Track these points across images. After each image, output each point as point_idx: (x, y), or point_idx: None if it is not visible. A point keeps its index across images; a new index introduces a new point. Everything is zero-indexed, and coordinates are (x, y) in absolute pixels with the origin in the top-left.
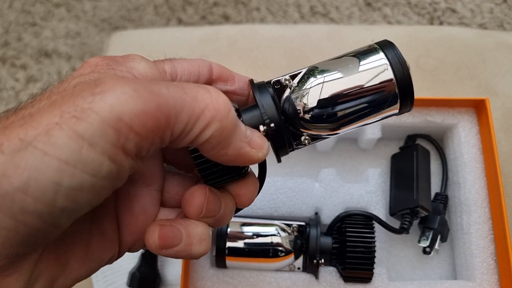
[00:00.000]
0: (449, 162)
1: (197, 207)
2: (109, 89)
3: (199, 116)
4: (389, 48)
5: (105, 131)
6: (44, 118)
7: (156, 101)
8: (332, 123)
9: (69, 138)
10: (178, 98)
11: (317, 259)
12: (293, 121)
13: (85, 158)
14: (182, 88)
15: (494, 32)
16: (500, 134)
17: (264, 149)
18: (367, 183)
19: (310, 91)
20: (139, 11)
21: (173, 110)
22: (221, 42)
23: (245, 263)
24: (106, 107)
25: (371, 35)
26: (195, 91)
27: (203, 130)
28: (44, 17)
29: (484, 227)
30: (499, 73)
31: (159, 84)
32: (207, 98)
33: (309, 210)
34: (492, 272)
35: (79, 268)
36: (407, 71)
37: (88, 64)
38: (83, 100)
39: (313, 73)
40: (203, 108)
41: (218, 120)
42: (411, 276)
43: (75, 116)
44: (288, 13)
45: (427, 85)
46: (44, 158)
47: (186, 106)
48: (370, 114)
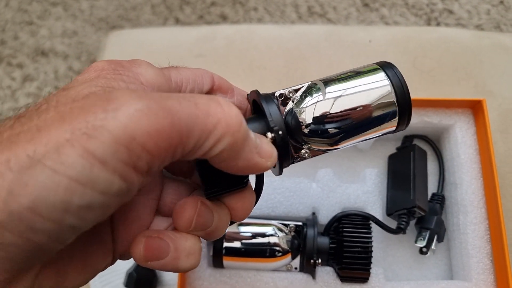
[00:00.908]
0: (446, 162)
1: (187, 220)
2: (122, 106)
3: (211, 132)
4: (390, 68)
5: (117, 150)
6: (53, 134)
7: (169, 119)
8: (331, 139)
9: (80, 156)
10: (191, 114)
11: (314, 259)
12: (295, 133)
13: (96, 176)
14: (195, 103)
15: (491, 33)
16: (497, 135)
17: (273, 157)
18: (364, 183)
19: (312, 106)
20: (136, 10)
21: (186, 127)
22: (219, 42)
23: (243, 263)
24: (119, 125)
25: (369, 35)
26: (207, 105)
27: (215, 145)
28: (41, 16)
29: (480, 228)
30: (496, 74)
31: (171, 99)
32: (219, 112)
33: (306, 210)
34: (488, 272)
35: (77, 277)
36: (407, 92)
37: (93, 68)
38: (94, 117)
39: (316, 89)
40: (215, 123)
41: (230, 135)
42: (407, 276)
43: (86, 133)
44: (285, 13)
45: (424, 85)
46: (54, 177)
47: (199, 122)
48: (368, 131)
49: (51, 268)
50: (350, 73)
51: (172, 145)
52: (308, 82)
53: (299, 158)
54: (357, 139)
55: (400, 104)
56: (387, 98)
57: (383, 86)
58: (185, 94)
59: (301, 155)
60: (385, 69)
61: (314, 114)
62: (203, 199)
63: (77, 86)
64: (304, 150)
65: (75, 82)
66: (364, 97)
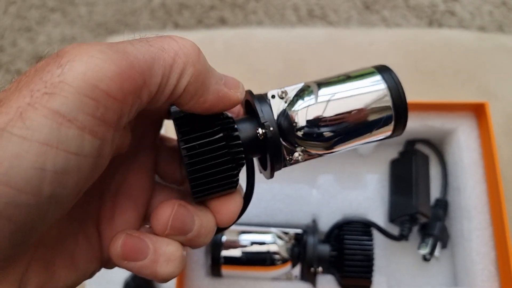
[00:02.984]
0: (449, 167)
1: (162, 222)
2: (76, 56)
3: (172, 65)
4: (386, 71)
5: (82, 102)
6: (14, 101)
7: (126, 60)
8: (325, 142)
9: (44, 117)
10: (147, 52)
11: (314, 267)
12: (287, 135)
13: (65, 136)
14: (146, 41)
15: (494, 35)
16: (500, 138)
17: (240, 87)
18: (365, 189)
19: (305, 109)
20: (135, 15)
21: (145, 65)
22: (217, 46)
23: (241, 271)
24: (78, 75)
25: (369, 38)
26: (160, 41)
27: (180, 79)
28: (40, 22)
29: (484, 233)
30: (499, 76)
31: (122, 43)
32: (174, 45)
33: (306, 217)
34: (493, 280)
35: (65, 277)
36: (404, 95)
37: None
38: (51, 74)
39: (310, 90)
40: (173, 56)
41: (191, 65)
42: (411, 283)
43: (47, 92)
44: (285, 16)
45: (426, 89)
46: (23, 143)
47: (157, 58)
48: (363, 135)
49: (39, 264)
50: (345, 75)
51: (137, 87)
52: (302, 83)
53: (292, 161)
54: (352, 144)
55: (396, 108)
56: (383, 101)
57: (379, 89)
58: (136, 38)
59: (294, 157)
60: (382, 72)
61: (307, 117)
62: (182, 202)
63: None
64: (298, 153)
65: None
66: (359, 100)
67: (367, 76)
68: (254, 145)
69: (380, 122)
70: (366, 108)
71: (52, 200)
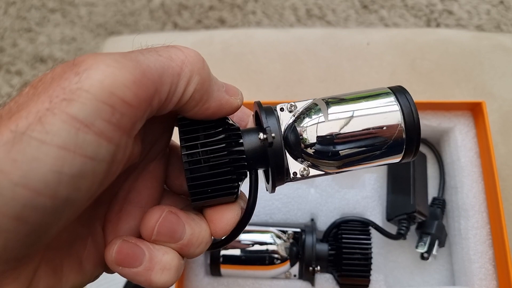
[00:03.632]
0: (446, 166)
1: (148, 227)
2: (92, 65)
3: (180, 74)
4: (402, 93)
5: (99, 108)
6: (33, 106)
7: (139, 68)
8: (332, 162)
9: (63, 122)
10: (156, 61)
11: (313, 266)
12: (294, 149)
13: (82, 141)
14: (155, 51)
15: (491, 34)
16: (497, 137)
17: (239, 94)
18: (363, 188)
19: (313, 126)
20: (134, 15)
21: (156, 74)
22: (215, 47)
23: (240, 271)
24: (96, 83)
25: (367, 38)
26: (167, 50)
27: (186, 87)
28: (40, 23)
29: (482, 232)
30: (496, 75)
31: (133, 52)
32: (180, 55)
33: (304, 217)
34: (490, 278)
35: (73, 279)
36: (417, 121)
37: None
38: (68, 82)
39: (319, 108)
40: (180, 65)
41: (197, 73)
42: (408, 282)
43: (65, 98)
44: (284, 16)
45: (423, 88)
46: (42, 147)
47: (166, 67)
48: (371, 159)
49: (48, 266)
50: (359, 94)
51: (149, 94)
52: (311, 100)
53: (298, 175)
54: (357, 166)
55: (408, 132)
56: (395, 124)
57: (392, 111)
58: (144, 48)
59: (299, 172)
60: (396, 94)
61: (316, 134)
62: (172, 209)
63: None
64: (303, 167)
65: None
66: (370, 122)
67: (381, 97)
68: (258, 155)
69: (389, 146)
70: (376, 131)
71: (67, 203)
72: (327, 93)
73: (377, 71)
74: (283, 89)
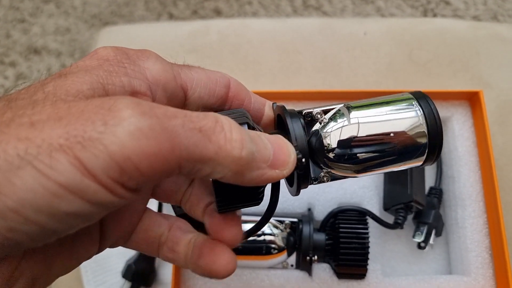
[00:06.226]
0: (443, 155)
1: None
2: (123, 121)
3: (209, 160)
4: (423, 98)
5: (109, 167)
6: (47, 134)
7: (170, 142)
8: (354, 166)
9: (70, 164)
10: (192, 139)
11: (310, 255)
12: (317, 156)
13: (85, 186)
14: (199, 127)
15: (488, 24)
16: (495, 127)
17: (289, 164)
18: (360, 178)
19: (337, 131)
20: (129, 6)
21: (185, 152)
22: (212, 37)
23: (238, 260)
24: (117, 142)
25: (364, 28)
26: (212, 130)
27: (213, 172)
28: (33, 14)
29: (479, 221)
30: (493, 65)
31: (175, 119)
32: (221, 139)
33: (301, 206)
34: (487, 267)
35: (62, 267)
36: (440, 127)
37: (97, 55)
38: (92, 127)
39: (346, 113)
40: (215, 151)
41: (229, 163)
42: (405, 271)
43: (81, 143)
44: (280, 7)
45: (420, 78)
46: (43, 181)
47: (199, 147)
48: (394, 163)
49: (37, 257)
50: (382, 99)
51: (168, 169)
52: (340, 105)
53: (318, 180)
54: (380, 170)
55: (430, 137)
56: (417, 129)
57: (414, 116)
58: (192, 113)
59: (319, 177)
60: (419, 99)
61: (339, 138)
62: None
63: (75, 73)
64: (323, 173)
65: (74, 67)
66: (393, 126)
67: (403, 102)
68: None
69: (412, 150)
70: (399, 135)
71: (56, 232)
72: (325, 83)
73: (375, 61)
74: (280, 79)
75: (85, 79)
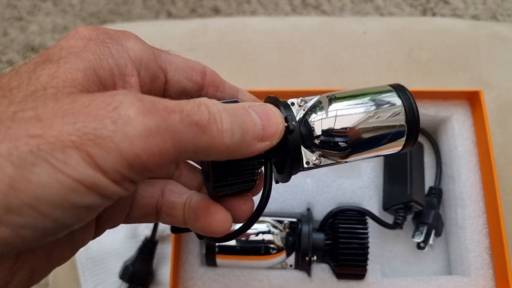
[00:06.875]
0: (443, 155)
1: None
2: (132, 120)
3: (204, 149)
4: (402, 90)
5: (119, 164)
6: (57, 131)
7: (173, 139)
8: (339, 152)
9: (83, 160)
10: (190, 133)
11: (309, 256)
12: (306, 140)
13: (97, 181)
14: (196, 122)
15: (488, 23)
16: (494, 127)
17: (278, 133)
18: (359, 178)
19: (320, 120)
20: (127, 4)
21: (184, 146)
22: (210, 36)
23: (236, 261)
24: (128, 141)
25: (363, 26)
26: (207, 122)
27: (208, 157)
28: (31, 12)
29: (478, 221)
30: (493, 64)
31: (174, 113)
32: (214, 130)
33: (301, 206)
34: (487, 267)
35: (59, 257)
36: (417, 113)
37: (79, 35)
38: (102, 125)
39: (328, 102)
40: (208, 142)
41: (219, 153)
42: (405, 272)
43: (93, 140)
44: (279, 6)
45: (420, 77)
46: (58, 176)
47: (196, 140)
48: (375, 148)
49: (36, 248)
50: (362, 90)
51: (169, 161)
52: (320, 96)
53: (310, 164)
54: (364, 155)
55: (409, 124)
56: (397, 117)
57: (395, 105)
58: (187, 105)
59: (312, 162)
60: (398, 90)
61: (323, 127)
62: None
63: (65, 58)
64: (315, 157)
65: (61, 50)
66: (375, 115)
67: (383, 93)
68: (274, 146)
69: (392, 136)
70: (381, 122)
71: (66, 227)
72: (325, 82)
73: (375, 60)
74: (280, 78)
75: (78, 65)
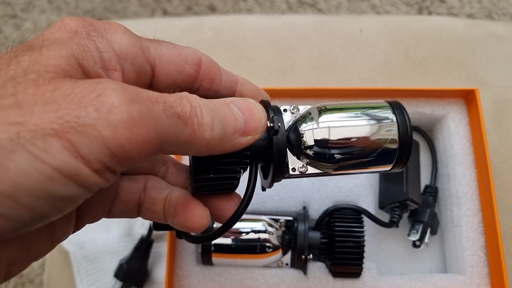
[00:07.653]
0: (439, 154)
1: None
2: (116, 109)
3: (184, 143)
4: (398, 107)
5: (102, 152)
6: (38, 118)
7: (155, 129)
8: (328, 164)
9: (64, 148)
10: (172, 125)
11: (305, 254)
12: (294, 146)
13: (78, 170)
14: (178, 114)
15: (484, 22)
16: (490, 125)
17: (260, 128)
18: (356, 176)
19: (312, 129)
20: (123, 2)
21: (166, 137)
22: (206, 33)
23: (232, 259)
24: (110, 128)
25: (359, 25)
26: (189, 115)
27: (189, 151)
28: (25, 9)
29: (474, 220)
30: (489, 63)
31: (158, 104)
32: (195, 123)
33: (296, 205)
34: (482, 265)
35: (39, 250)
36: (411, 134)
37: (65, 27)
38: (85, 113)
39: (321, 112)
40: (189, 135)
41: (200, 146)
42: (401, 270)
43: (75, 128)
44: (275, 4)
45: (416, 76)
46: (37, 164)
47: (177, 133)
48: (364, 166)
49: (14, 241)
50: (358, 104)
51: (151, 153)
52: (314, 105)
53: (296, 172)
54: (352, 170)
55: (401, 144)
56: (390, 135)
57: (389, 122)
58: (170, 97)
59: (298, 169)
60: (394, 107)
61: (313, 136)
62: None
63: (48, 46)
64: (302, 164)
65: (45, 40)
66: (367, 130)
67: (379, 109)
68: (261, 148)
69: (382, 154)
70: (372, 138)
71: (45, 217)
72: (321, 81)
73: (370, 58)
74: (275, 76)
75: (62, 53)
